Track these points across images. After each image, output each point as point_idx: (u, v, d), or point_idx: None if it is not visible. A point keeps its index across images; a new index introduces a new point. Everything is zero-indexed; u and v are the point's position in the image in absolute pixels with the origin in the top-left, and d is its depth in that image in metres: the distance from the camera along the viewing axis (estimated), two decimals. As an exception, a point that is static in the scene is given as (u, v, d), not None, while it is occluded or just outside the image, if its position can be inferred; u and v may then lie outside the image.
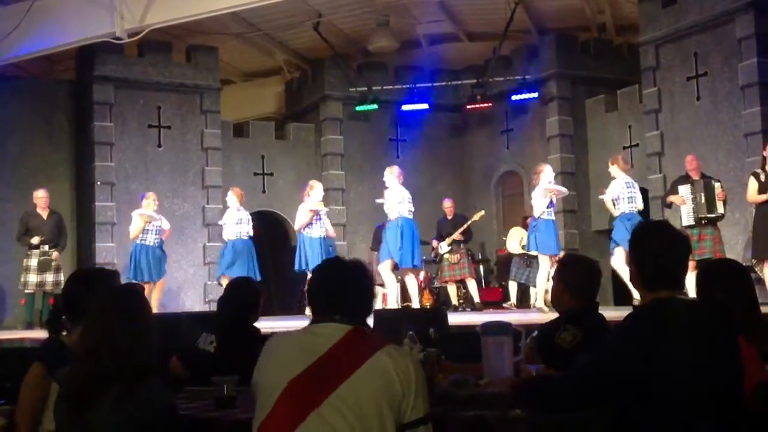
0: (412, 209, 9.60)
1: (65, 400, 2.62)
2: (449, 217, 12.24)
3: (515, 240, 11.94)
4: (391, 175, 9.66)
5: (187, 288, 13.11)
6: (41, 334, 6.76)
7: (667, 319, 2.44)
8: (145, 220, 10.28)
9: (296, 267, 10.14)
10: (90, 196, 12.65)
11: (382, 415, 2.15)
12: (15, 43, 10.40)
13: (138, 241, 10.31)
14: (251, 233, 10.70)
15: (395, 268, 9.76)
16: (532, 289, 11.67)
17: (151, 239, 10.34)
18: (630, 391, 2.39)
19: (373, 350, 2.23)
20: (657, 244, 2.60)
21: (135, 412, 2.52)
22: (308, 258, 9.86)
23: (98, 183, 12.59)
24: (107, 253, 12.53)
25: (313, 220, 10.08)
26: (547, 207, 9.72)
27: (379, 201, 10.08)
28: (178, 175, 13.15)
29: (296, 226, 10.30)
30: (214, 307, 10.50)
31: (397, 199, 9.49)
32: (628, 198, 9.24)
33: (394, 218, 9.48)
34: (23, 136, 12.64)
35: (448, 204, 12.38)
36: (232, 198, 10.73)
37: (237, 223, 10.60)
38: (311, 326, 2.38)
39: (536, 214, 9.70)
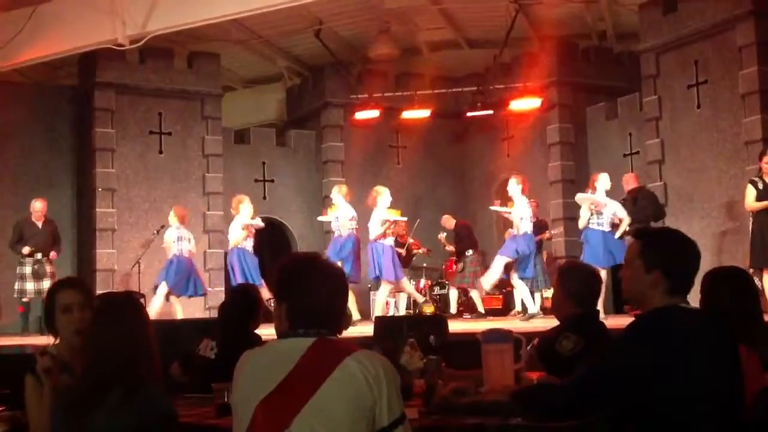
0: None
1: (64, 406, 2.62)
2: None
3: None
4: (339, 194, 9.90)
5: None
6: (39, 340, 6.76)
7: (670, 326, 2.44)
8: (251, 230, 9.90)
9: (371, 275, 9.75)
10: (91, 202, 12.66)
11: (354, 423, 2.09)
12: (17, 49, 10.39)
13: (240, 246, 9.81)
14: (193, 250, 10.57)
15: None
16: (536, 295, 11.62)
17: (249, 245, 9.94)
18: (632, 398, 2.39)
19: (341, 358, 2.14)
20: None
21: (135, 418, 2.51)
22: (381, 266, 9.52)
23: (99, 189, 12.59)
24: (107, 259, 12.53)
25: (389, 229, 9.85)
26: (595, 217, 9.23)
27: (321, 219, 9.94)
28: (179, 182, 13.15)
29: (372, 237, 9.74)
30: (214, 313, 10.49)
31: (350, 216, 9.75)
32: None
33: (347, 235, 9.67)
34: (24, 142, 12.65)
35: (445, 217, 12.46)
36: (173, 218, 10.38)
37: (177, 241, 10.26)
38: (278, 341, 2.28)
39: (580, 225, 9.39)
